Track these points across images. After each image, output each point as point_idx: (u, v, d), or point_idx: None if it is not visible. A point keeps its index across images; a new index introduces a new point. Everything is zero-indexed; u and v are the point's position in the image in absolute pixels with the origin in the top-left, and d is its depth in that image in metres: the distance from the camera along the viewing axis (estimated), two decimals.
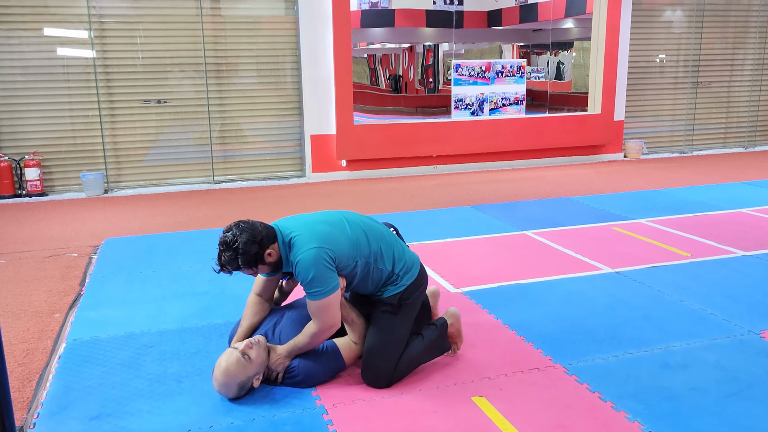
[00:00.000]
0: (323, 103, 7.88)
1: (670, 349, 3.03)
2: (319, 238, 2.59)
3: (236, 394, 2.59)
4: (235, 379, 2.55)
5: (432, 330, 2.88)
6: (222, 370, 2.55)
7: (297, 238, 2.59)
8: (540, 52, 8.80)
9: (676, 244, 4.77)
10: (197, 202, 6.73)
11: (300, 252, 2.55)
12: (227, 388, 2.57)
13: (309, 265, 2.53)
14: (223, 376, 2.55)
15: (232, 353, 2.58)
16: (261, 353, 2.62)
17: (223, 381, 2.56)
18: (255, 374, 2.61)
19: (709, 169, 8.41)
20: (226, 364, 2.55)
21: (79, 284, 4.14)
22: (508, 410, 2.53)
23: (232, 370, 2.54)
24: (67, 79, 7.17)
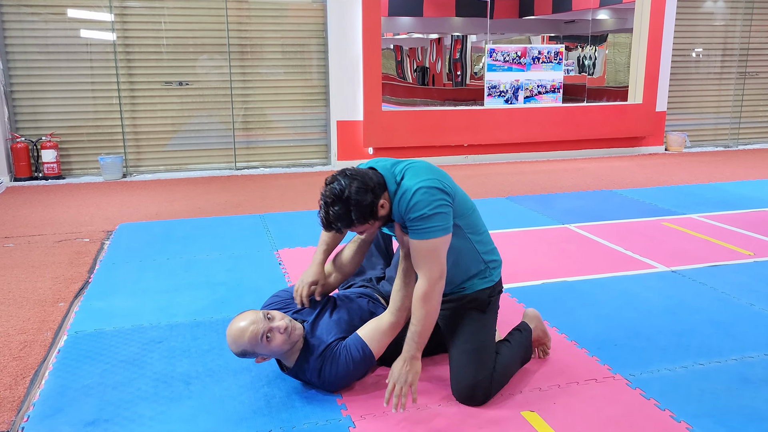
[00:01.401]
0: (350, 88, 7.53)
1: (747, 361, 2.64)
2: (436, 172, 2.21)
3: (236, 353, 2.28)
4: (239, 346, 2.24)
5: (518, 335, 2.51)
6: (233, 330, 2.24)
7: (409, 170, 2.18)
8: (571, 47, 8.31)
9: (734, 242, 4.34)
10: (218, 189, 6.45)
11: (417, 182, 2.12)
12: (231, 344, 2.27)
13: (429, 194, 2.10)
14: (231, 335, 2.24)
15: (256, 322, 2.22)
16: (286, 342, 2.27)
17: (230, 339, 2.25)
18: (261, 355, 2.28)
19: (758, 163, 7.89)
20: (239, 329, 2.22)
21: (87, 271, 3.87)
22: (564, 429, 2.16)
23: (240, 339, 2.22)
24: (88, 59, 6.92)
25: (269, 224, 4.90)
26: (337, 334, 2.38)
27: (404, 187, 2.15)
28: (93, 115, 7.06)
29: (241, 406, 2.32)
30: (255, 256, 4.09)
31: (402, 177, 2.18)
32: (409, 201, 2.12)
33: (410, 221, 2.13)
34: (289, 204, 5.69)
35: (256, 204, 5.70)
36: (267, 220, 5.02)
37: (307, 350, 2.35)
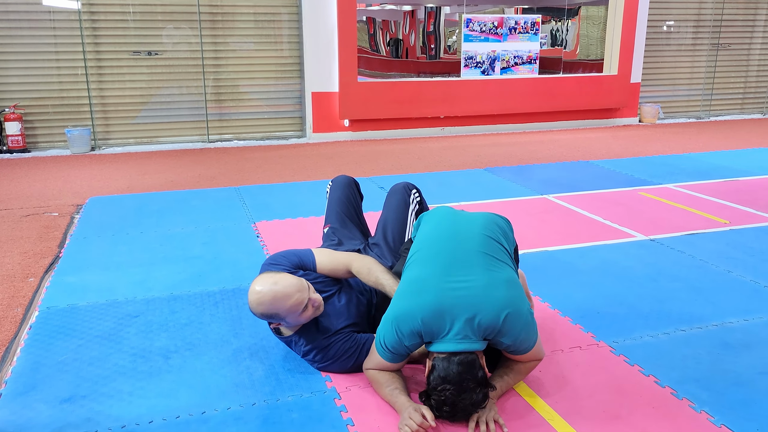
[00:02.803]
0: (325, 59, 7.38)
1: (727, 326, 2.67)
2: (517, 293, 2.03)
3: (262, 313, 2.12)
4: (276, 309, 2.08)
5: None
6: (277, 292, 2.06)
7: (506, 323, 1.95)
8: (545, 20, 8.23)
9: (710, 211, 4.38)
10: (190, 162, 6.30)
11: (518, 331, 1.98)
12: (267, 304, 2.08)
13: (530, 330, 2.03)
14: (274, 296, 2.06)
15: (302, 290, 2.08)
16: (312, 316, 2.17)
17: (268, 298, 2.07)
18: (284, 323, 2.17)
19: (730, 134, 7.99)
20: (284, 294, 2.06)
21: (57, 246, 3.74)
22: (552, 396, 2.16)
23: (282, 303, 2.06)
24: (51, 27, 6.65)
25: (245, 197, 4.80)
26: (348, 319, 2.31)
27: (513, 333, 1.99)
28: (58, 86, 6.81)
29: (223, 379, 2.26)
30: (232, 229, 4.00)
31: (502, 324, 1.97)
32: (518, 344, 2.02)
33: (523, 349, 2.05)
34: (265, 176, 5.58)
35: (231, 177, 5.58)
36: (243, 193, 4.92)
37: (316, 327, 2.26)
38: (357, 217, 2.89)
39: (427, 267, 2.07)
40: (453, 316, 1.94)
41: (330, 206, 2.87)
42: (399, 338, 2.00)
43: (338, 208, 2.83)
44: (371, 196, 4.22)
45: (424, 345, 2.02)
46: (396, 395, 2.06)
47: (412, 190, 2.77)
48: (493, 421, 1.98)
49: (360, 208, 2.94)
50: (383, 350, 2.07)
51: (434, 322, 1.94)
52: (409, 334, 1.98)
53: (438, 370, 1.91)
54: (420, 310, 1.96)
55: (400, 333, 2.00)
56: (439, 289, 1.98)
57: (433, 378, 1.92)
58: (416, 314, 1.96)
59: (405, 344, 2.01)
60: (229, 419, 2.03)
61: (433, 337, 1.96)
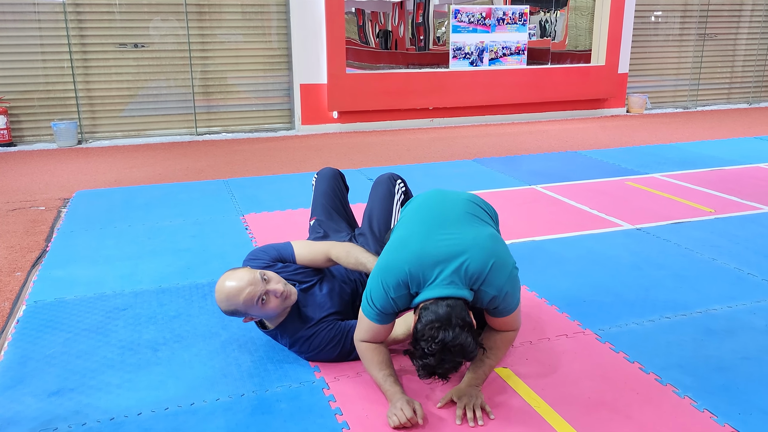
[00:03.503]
0: (313, 51, 7.36)
1: (711, 313, 2.70)
2: (503, 247, 2.07)
3: (225, 311, 2.16)
4: (231, 305, 2.11)
5: None
6: (228, 289, 2.10)
7: (492, 271, 1.96)
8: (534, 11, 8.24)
9: (696, 200, 4.42)
10: (178, 155, 6.27)
11: (503, 282, 1.98)
12: (222, 302, 2.13)
13: (515, 287, 2.05)
14: (225, 293, 2.11)
15: (254, 284, 2.10)
16: (280, 306, 2.18)
17: (222, 296, 2.11)
18: (251, 316, 2.19)
19: (716, 124, 8.05)
20: (235, 289, 2.09)
21: (44, 240, 3.72)
22: (538, 384, 2.18)
23: (234, 299, 2.09)
24: (35, 20, 6.58)
25: (234, 189, 4.79)
26: (331, 308, 2.31)
27: (491, 287, 1.98)
28: (44, 79, 6.74)
29: (212, 371, 2.27)
30: (220, 222, 4.00)
31: (483, 277, 1.98)
32: (502, 300, 2.03)
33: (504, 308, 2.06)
34: (253, 169, 5.57)
35: (219, 169, 5.57)
36: (231, 186, 4.91)
37: (298, 318, 2.27)
38: (343, 209, 2.90)
39: (413, 226, 2.11)
40: (439, 264, 1.94)
41: (316, 199, 2.88)
42: (385, 291, 1.98)
43: (324, 201, 2.84)
44: (360, 188, 4.23)
45: (411, 299, 1.98)
46: (390, 383, 2.05)
47: (397, 181, 2.78)
48: (480, 408, 2.00)
49: (346, 200, 2.94)
50: (370, 308, 2.04)
51: (420, 271, 1.95)
52: (395, 285, 1.96)
53: (425, 315, 1.88)
54: (407, 260, 1.97)
55: (386, 285, 1.98)
56: (426, 240, 2.01)
57: (420, 325, 1.87)
58: (403, 264, 1.96)
59: (391, 297, 1.98)
60: (218, 410, 2.04)
61: (419, 286, 1.96)
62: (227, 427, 1.95)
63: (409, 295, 1.99)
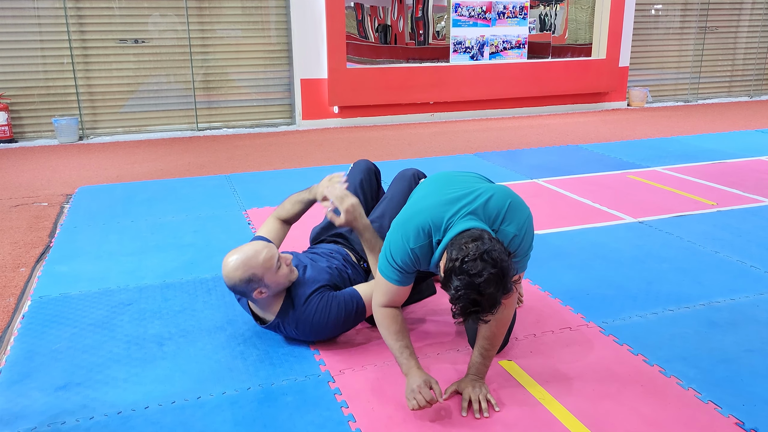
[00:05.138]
0: (314, 45, 7.35)
1: (714, 306, 2.71)
2: (518, 196, 2.09)
3: (237, 280, 2.20)
4: (249, 269, 2.16)
5: None
6: (246, 251, 2.21)
7: (511, 209, 1.98)
8: (533, 4, 8.22)
9: (698, 193, 4.43)
10: (180, 150, 6.27)
11: (520, 221, 1.98)
12: (238, 267, 2.18)
13: (532, 233, 2.06)
14: (244, 256, 2.19)
15: (269, 247, 2.23)
16: (287, 277, 2.26)
17: (240, 261, 2.18)
18: (263, 287, 2.21)
19: (717, 117, 8.04)
20: (253, 251, 2.20)
21: (48, 235, 3.73)
22: (543, 376, 2.19)
23: (253, 260, 2.17)
24: (35, 15, 6.57)
25: (236, 184, 4.79)
26: (319, 282, 2.35)
27: (510, 226, 1.99)
28: (44, 75, 6.74)
29: (217, 365, 2.28)
30: (223, 217, 4.00)
31: (502, 216, 2.00)
32: (521, 240, 2.02)
33: (516, 259, 2.00)
34: (255, 164, 5.57)
35: (221, 165, 5.57)
36: (233, 181, 4.91)
37: (291, 303, 2.31)
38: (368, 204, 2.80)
39: (428, 189, 2.15)
40: (458, 204, 1.96)
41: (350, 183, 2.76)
42: (405, 241, 1.96)
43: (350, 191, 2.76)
44: None
45: (432, 251, 1.95)
46: (405, 356, 2.03)
47: (420, 179, 2.76)
48: (486, 400, 2.01)
49: (376, 194, 2.85)
50: (388, 265, 2.02)
51: (441, 214, 1.95)
52: (415, 234, 1.95)
53: (455, 245, 1.80)
54: (426, 208, 2.00)
55: (406, 235, 1.97)
56: (442, 193, 2.04)
57: (449, 260, 1.78)
58: (423, 212, 1.99)
59: (410, 247, 1.95)
60: (224, 403, 2.05)
61: (441, 231, 1.93)
62: (234, 420, 1.96)
63: (429, 246, 1.96)
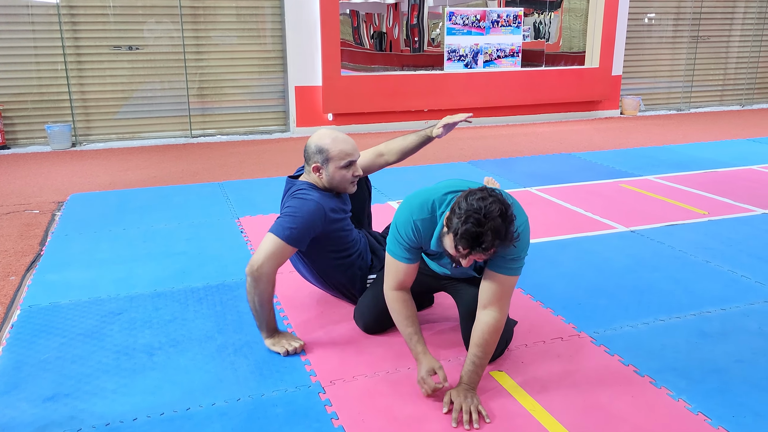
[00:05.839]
0: (308, 53, 7.36)
1: (705, 316, 2.72)
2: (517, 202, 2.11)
3: (306, 145, 2.49)
4: (349, 143, 2.47)
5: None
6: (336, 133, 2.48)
7: (514, 207, 2.00)
8: (528, 12, 8.28)
9: (690, 202, 4.45)
10: (173, 157, 6.26)
11: (519, 219, 2.01)
12: (337, 139, 2.46)
13: (529, 233, 2.09)
14: (341, 136, 2.47)
15: (355, 149, 2.53)
16: (350, 181, 2.54)
17: (340, 136, 2.47)
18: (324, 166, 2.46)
19: (709, 126, 8.09)
20: (342, 136, 2.48)
21: (39, 243, 3.71)
22: (533, 386, 2.19)
23: (350, 142, 2.48)
24: (29, 22, 6.56)
25: (229, 192, 4.79)
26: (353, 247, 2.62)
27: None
28: (37, 82, 6.73)
29: (207, 375, 2.27)
30: (215, 225, 3.99)
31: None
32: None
33: (511, 259, 2.06)
34: (248, 171, 5.57)
35: (214, 172, 5.56)
36: (226, 188, 4.91)
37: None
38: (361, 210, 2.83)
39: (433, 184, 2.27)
40: (464, 184, 2.12)
41: None
42: (409, 213, 2.11)
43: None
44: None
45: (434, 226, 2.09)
46: (414, 342, 2.17)
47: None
48: (477, 411, 2.01)
49: (366, 202, 2.88)
50: (394, 240, 2.17)
51: (444, 193, 2.10)
52: (419, 206, 2.11)
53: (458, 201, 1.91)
54: (432, 190, 2.15)
55: (410, 207, 2.12)
56: (448, 185, 2.15)
57: (454, 205, 1.91)
58: (429, 191, 2.14)
59: (413, 218, 2.10)
60: (214, 415, 2.04)
61: (443, 205, 2.08)
62: None
63: (432, 220, 2.10)
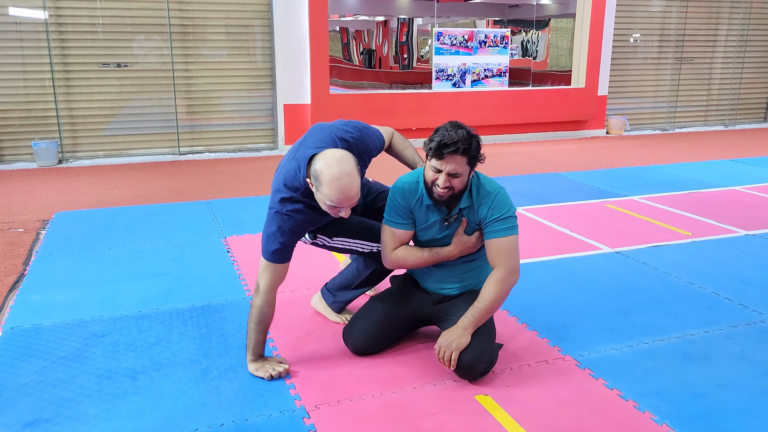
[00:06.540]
0: (297, 71, 7.40)
1: (688, 338, 2.74)
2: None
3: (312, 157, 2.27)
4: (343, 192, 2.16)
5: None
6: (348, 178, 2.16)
7: (479, 175, 2.41)
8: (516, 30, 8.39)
9: (674, 223, 4.49)
10: (161, 175, 6.24)
11: (495, 186, 2.39)
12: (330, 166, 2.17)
13: (509, 197, 2.38)
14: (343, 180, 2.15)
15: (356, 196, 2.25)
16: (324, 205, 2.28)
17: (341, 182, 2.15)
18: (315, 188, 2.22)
19: (693, 146, 8.20)
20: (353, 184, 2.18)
21: (22, 263, 3.68)
22: (518, 411, 2.19)
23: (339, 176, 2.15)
24: (17, 38, 6.54)
25: (216, 211, 4.78)
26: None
27: (484, 188, 2.38)
28: (24, 98, 6.70)
29: (191, 400, 2.25)
30: (202, 244, 3.98)
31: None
32: (493, 200, 2.34)
33: (493, 219, 2.34)
34: (236, 190, 5.56)
35: (201, 190, 5.55)
36: (213, 207, 4.89)
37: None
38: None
39: None
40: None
41: None
42: (398, 181, 2.46)
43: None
44: None
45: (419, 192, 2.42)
46: (437, 250, 2.44)
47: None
48: (451, 352, 2.29)
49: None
50: (389, 210, 2.46)
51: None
52: (406, 175, 2.47)
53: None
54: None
55: (401, 178, 2.47)
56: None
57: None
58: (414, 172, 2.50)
59: (400, 182, 2.45)
60: None
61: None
62: None
63: (417, 183, 2.42)
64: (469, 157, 2.24)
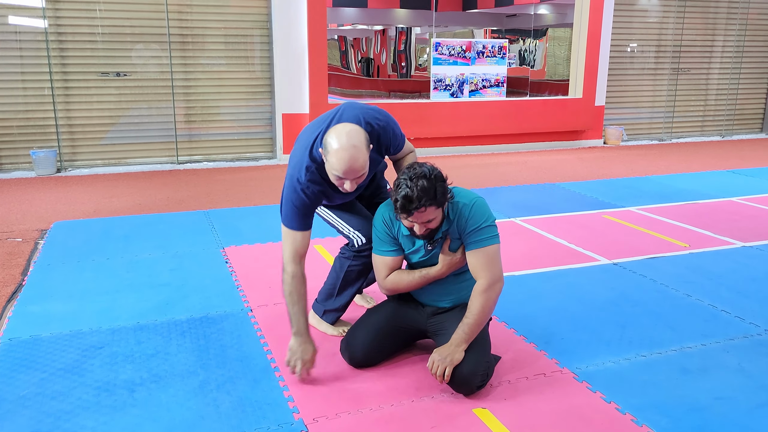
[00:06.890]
0: (296, 80, 7.42)
1: (686, 351, 2.75)
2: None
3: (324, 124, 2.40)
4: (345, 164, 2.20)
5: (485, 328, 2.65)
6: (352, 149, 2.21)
7: (454, 189, 2.41)
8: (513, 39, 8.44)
9: (671, 234, 4.51)
10: (159, 184, 6.25)
11: (471, 197, 2.38)
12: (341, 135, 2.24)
13: (486, 207, 2.39)
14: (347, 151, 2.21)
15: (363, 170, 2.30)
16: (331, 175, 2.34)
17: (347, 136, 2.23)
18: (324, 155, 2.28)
19: (690, 157, 8.23)
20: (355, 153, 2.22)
21: (21, 273, 3.68)
22: (516, 425, 2.20)
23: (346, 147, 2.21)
24: (17, 47, 6.56)
25: (214, 221, 4.78)
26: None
27: (457, 201, 2.37)
28: (24, 107, 6.71)
29: (189, 412, 2.25)
30: (200, 255, 3.98)
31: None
32: (470, 210, 2.34)
33: (471, 230, 2.34)
34: (234, 200, 5.57)
35: (200, 200, 5.55)
36: (212, 217, 4.90)
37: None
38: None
39: None
40: None
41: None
42: (380, 208, 2.50)
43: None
44: None
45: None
46: (427, 271, 2.44)
47: None
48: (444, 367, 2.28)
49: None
50: (376, 240, 2.50)
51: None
52: (387, 203, 2.47)
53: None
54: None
55: (382, 206, 2.50)
56: None
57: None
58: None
59: (382, 210, 2.47)
60: None
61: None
62: None
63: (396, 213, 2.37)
64: (437, 203, 2.23)
